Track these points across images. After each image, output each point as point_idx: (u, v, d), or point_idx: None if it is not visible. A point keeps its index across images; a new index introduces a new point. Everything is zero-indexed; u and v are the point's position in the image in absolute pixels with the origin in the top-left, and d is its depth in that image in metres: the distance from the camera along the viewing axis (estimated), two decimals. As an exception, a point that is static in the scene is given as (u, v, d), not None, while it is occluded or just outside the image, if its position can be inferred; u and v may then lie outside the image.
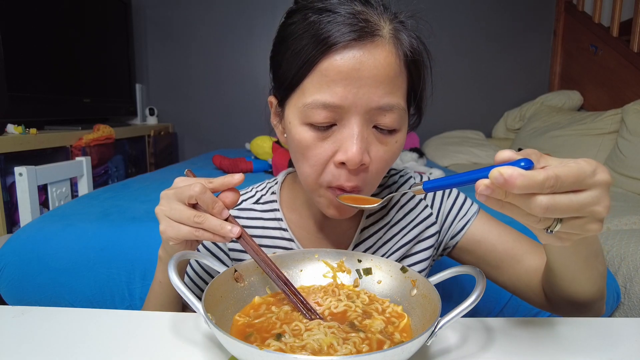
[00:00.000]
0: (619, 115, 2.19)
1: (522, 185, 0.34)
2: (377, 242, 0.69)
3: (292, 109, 0.55)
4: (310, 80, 0.52)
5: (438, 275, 0.51)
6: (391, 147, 0.55)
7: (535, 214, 0.36)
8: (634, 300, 1.10)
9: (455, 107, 3.23)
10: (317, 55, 0.51)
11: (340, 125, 0.53)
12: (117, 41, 2.86)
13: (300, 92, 0.53)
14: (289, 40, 0.54)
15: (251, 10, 3.25)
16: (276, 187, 0.71)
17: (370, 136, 0.54)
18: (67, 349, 0.47)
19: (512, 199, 0.36)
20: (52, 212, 1.28)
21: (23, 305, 0.57)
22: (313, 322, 0.48)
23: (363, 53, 0.50)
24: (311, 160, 0.54)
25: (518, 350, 0.48)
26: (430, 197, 0.72)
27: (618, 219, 1.38)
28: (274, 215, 0.69)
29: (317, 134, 0.53)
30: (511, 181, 0.34)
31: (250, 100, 3.34)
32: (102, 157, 2.29)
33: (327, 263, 0.59)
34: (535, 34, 3.22)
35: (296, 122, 0.54)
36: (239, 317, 0.49)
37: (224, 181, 0.51)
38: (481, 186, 0.36)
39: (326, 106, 0.51)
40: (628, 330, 0.53)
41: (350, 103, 0.51)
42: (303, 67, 0.52)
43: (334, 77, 0.50)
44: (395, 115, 0.53)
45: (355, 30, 0.50)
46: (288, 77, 0.54)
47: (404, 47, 0.54)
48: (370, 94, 0.51)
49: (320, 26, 0.51)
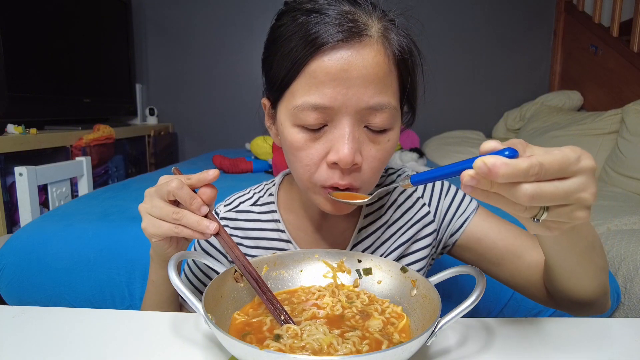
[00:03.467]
0: (619, 115, 2.18)
1: (506, 174, 0.33)
2: (375, 242, 0.68)
3: (284, 110, 0.55)
4: (299, 82, 0.52)
5: (438, 275, 0.51)
6: (383, 145, 0.55)
7: (520, 202, 0.35)
8: (634, 301, 1.10)
9: (455, 107, 3.23)
10: (305, 56, 0.51)
11: (331, 126, 0.53)
12: (117, 41, 2.86)
13: (290, 94, 0.53)
14: (278, 41, 0.54)
15: (251, 10, 3.25)
16: (274, 188, 0.71)
17: (362, 136, 0.54)
18: (67, 349, 0.47)
19: (497, 188, 0.36)
20: (52, 212, 1.28)
21: (23, 305, 0.57)
22: (309, 322, 0.48)
23: (351, 53, 0.50)
24: (304, 161, 0.54)
25: (518, 350, 0.48)
26: (428, 195, 0.71)
27: (618, 219, 1.38)
28: (272, 217, 0.69)
29: (308, 135, 0.53)
30: (495, 170, 0.33)
31: (250, 100, 3.34)
32: (102, 157, 2.29)
33: (327, 263, 0.59)
34: (535, 34, 3.22)
35: (288, 124, 0.55)
36: (238, 316, 0.49)
37: (199, 177, 0.52)
38: (466, 177, 0.36)
39: (316, 108, 0.51)
40: (628, 330, 0.53)
41: (340, 104, 0.51)
42: (292, 69, 0.52)
43: (322, 79, 0.50)
44: (386, 115, 0.53)
45: (343, 31, 0.50)
46: (278, 78, 0.54)
47: (393, 46, 0.53)
48: (359, 94, 0.51)
49: (308, 27, 0.51)
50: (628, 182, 1.93)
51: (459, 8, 3.16)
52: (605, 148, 2.21)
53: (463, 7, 3.17)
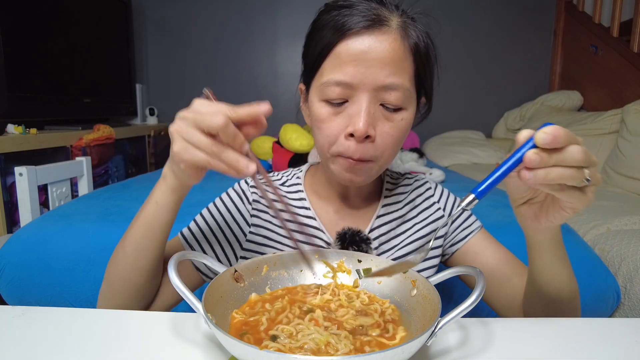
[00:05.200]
0: (619, 115, 2.18)
1: (565, 134, 0.40)
2: (390, 232, 0.73)
3: (314, 89, 0.64)
4: (327, 63, 0.61)
5: (438, 275, 0.51)
6: (397, 124, 0.62)
7: (577, 159, 0.41)
8: (634, 301, 1.10)
9: (455, 107, 3.23)
10: (333, 41, 0.60)
11: (351, 102, 0.60)
12: (117, 41, 2.86)
13: (319, 74, 0.62)
14: (315, 32, 0.64)
15: (251, 11, 3.25)
16: (301, 174, 0.78)
17: (377, 113, 0.61)
18: (67, 349, 0.47)
19: (555, 159, 0.41)
20: (52, 212, 1.28)
21: (23, 305, 0.57)
22: (304, 322, 0.48)
23: (372, 39, 0.58)
24: (325, 132, 0.62)
25: (518, 350, 0.48)
26: (444, 202, 0.77)
27: (618, 219, 1.38)
28: (299, 196, 0.75)
29: (331, 109, 0.61)
30: (557, 133, 0.39)
31: (250, 101, 3.29)
32: (102, 157, 2.29)
33: (327, 263, 0.59)
34: (535, 34, 3.22)
35: (315, 100, 0.63)
36: (236, 314, 0.49)
37: (250, 112, 0.47)
38: (530, 157, 0.40)
39: (339, 84, 0.59)
40: (628, 330, 0.53)
41: (359, 81, 0.58)
42: (322, 52, 0.61)
43: (346, 59, 0.59)
44: (399, 94, 0.60)
45: (367, 21, 0.59)
46: (312, 61, 0.63)
47: (411, 38, 0.61)
48: (376, 73, 0.58)
49: (338, 18, 0.60)
50: (628, 182, 1.93)
51: (459, 8, 3.16)
52: (605, 148, 2.21)
53: (463, 7, 3.17)
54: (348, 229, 0.69)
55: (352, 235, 0.68)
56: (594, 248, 1.27)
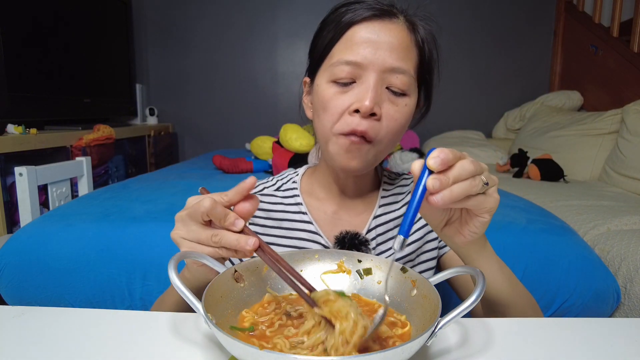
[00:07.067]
0: (619, 115, 2.18)
1: (450, 153, 0.43)
2: (388, 232, 0.74)
3: (321, 73, 0.66)
4: (338, 46, 0.64)
5: (438, 276, 0.51)
6: (400, 108, 0.64)
7: (470, 170, 0.44)
8: (634, 301, 1.10)
9: (455, 107, 3.23)
10: (345, 26, 0.64)
11: (359, 82, 0.63)
12: (117, 41, 2.85)
13: (329, 58, 0.65)
14: (325, 24, 0.68)
15: (251, 11, 3.26)
16: (297, 177, 0.78)
17: (383, 94, 0.63)
18: (67, 349, 0.47)
19: (453, 176, 0.43)
20: (52, 212, 1.28)
21: (23, 305, 0.57)
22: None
23: (381, 26, 0.63)
24: (330, 111, 0.64)
25: (518, 350, 0.48)
26: None
27: (618, 219, 1.38)
28: (294, 201, 0.75)
29: (339, 88, 0.63)
30: (444, 155, 0.42)
31: (250, 101, 3.34)
32: (102, 157, 2.29)
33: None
34: (535, 34, 3.22)
35: (323, 82, 0.65)
36: (246, 314, 0.49)
37: (237, 190, 0.49)
38: (432, 183, 0.42)
39: (349, 63, 0.62)
40: (628, 330, 0.53)
41: (368, 62, 0.61)
42: (334, 37, 0.65)
43: (357, 41, 0.63)
44: (405, 79, 0.63)
45: (377, 10, 0.64)
46: (322, 47, 0.67)
47: (417, 32, 0.66)
48: (385, 56, 0.62)
49: (349, 9, 0.64)
50: (628, 182, 1.93)
51: (459, 8, 3.17)
52: (605, 148, 2.21)
53: (463, 7, 3.17)
54: (346, 232, 0.69)
55: (350, 239, 0.68)
56: (594, 248, 1.27)
